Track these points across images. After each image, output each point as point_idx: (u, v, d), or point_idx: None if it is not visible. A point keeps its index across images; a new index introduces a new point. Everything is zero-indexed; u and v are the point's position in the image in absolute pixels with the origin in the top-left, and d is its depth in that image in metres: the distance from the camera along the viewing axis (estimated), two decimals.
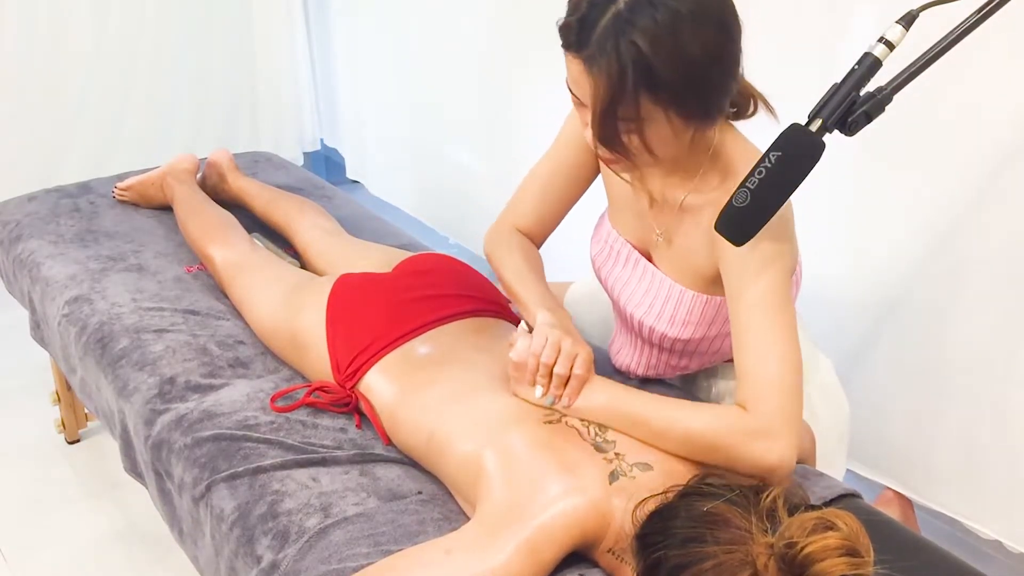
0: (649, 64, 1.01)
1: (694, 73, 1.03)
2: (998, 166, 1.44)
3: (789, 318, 1.12)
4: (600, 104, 1.05)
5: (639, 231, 1.33)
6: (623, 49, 1.01)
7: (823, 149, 0.96)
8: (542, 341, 1.19)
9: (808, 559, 0.80)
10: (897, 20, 0.98)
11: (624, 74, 1.02)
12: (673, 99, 1.05)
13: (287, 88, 3.21)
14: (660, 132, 1.08)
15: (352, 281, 1.48)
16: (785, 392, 1.09)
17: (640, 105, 1.04)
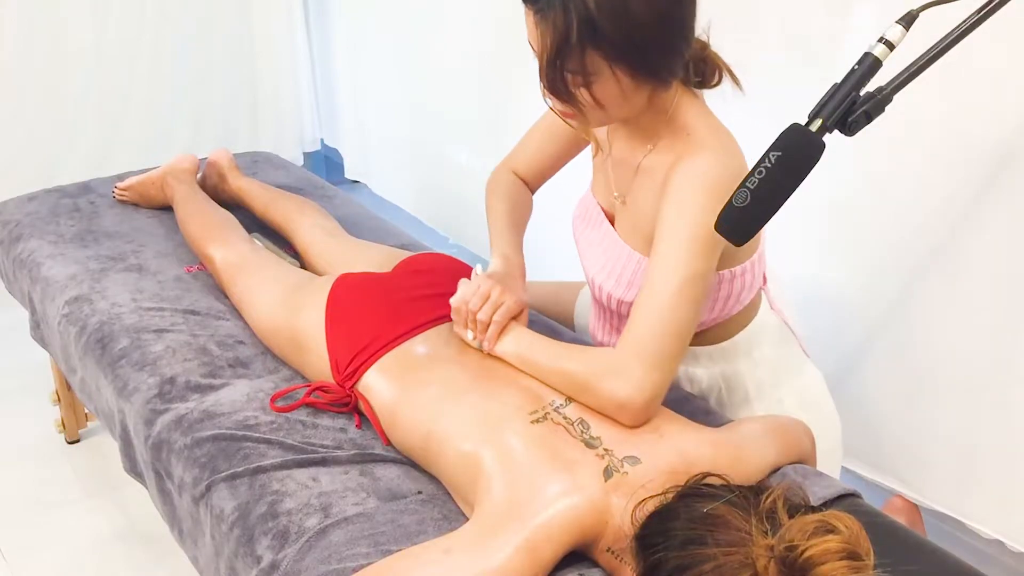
0: (593, 19, 1.07)
1: (638, 31, 1.09)
2: (997, 166, 1.44)
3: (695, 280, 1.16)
4: (547, 54, 1.11)
5: (605, 194, 1.38)
6: (570, 6, 1.07)
7: (823, 149, 0.96)
8: (473, 289, 1.30)
9: (808, 562, 0.80)
10: (897, 20, 0.98)
11: (569, 27, 1.08)
12: (618, 55, 1.10)
13: (287, 88, 3.21)
14: (608, 88, 1.13)
15: (352, 281, 1.48)
16: (650, 339, 1.14)
17: (586, 58, 1.10)
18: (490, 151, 2.47)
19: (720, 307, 1.33)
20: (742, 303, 1.34)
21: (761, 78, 1.70)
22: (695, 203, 1.16)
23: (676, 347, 1.16)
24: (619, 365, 1.15)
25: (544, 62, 1.13)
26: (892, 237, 1.61)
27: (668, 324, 1.15)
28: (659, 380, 1.14)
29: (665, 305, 1.15)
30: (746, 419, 1.33)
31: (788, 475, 1.22)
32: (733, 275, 1.29)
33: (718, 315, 1.34)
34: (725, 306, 1.33)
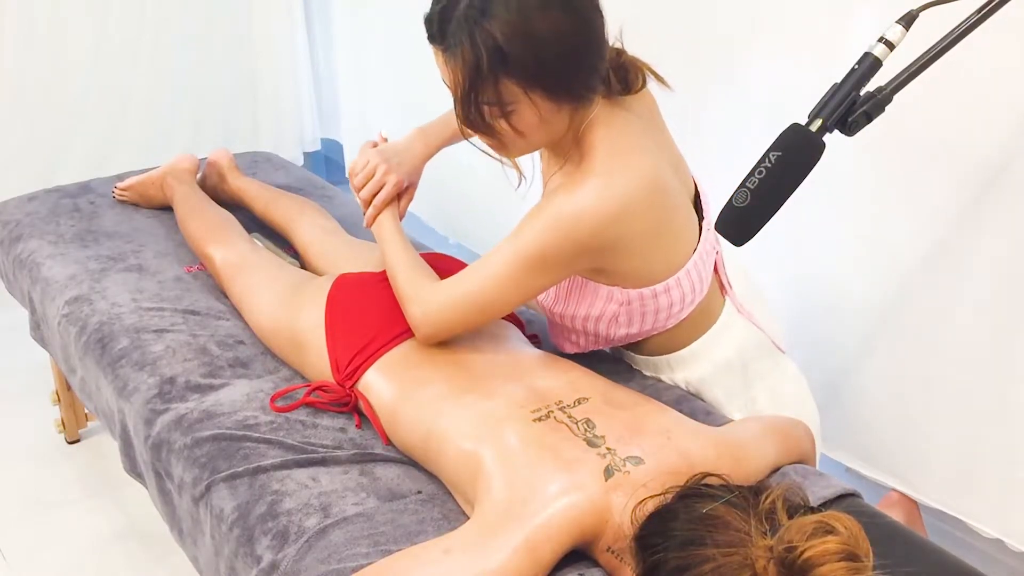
0: (500, 47, 1.08)
1: (547, 53, 1.10)
2: (998, 166, 1.44)
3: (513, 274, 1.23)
4: (460, 89, 1.13)
5: None
6: (477, 37, 1.09)
7: (823, 149, 0.96)
8: (362, 163, 1.45)
9: (808, 563, 0.80)
10: (897, 20, 0.98)
11: (479, 60, 1.09)
12: (531, 80, 1.11)
13: (287, 88, 3.20)
14: (526, 115, 1.15)
15: (351, 280, 1.48)
16: (461, 290, 1.27)
17: (500, 88, 1.11)
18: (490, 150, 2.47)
19: (652, 320, 1.34)
20: (677, 317, 1.35)
21: (761, 78, 1.71)
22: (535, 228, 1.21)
23: (476, 316, 1.28)
24: (428, 298, 1.29)
25: (459, 97, 1.14)
26: (892, 237, 1.61)
27: (479, 298, 1.26)
28: (448, 327, 1.29)
29: (485, 285, 1.25)
30: (747, 419, 1.33)
31: (788, 475, 1.22)
32: (655, 293, 1.29)
33: (652, 327, 1.35)
34: (656, 319, 1.34)
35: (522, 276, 1.24)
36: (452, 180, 2.67)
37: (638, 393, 1.26)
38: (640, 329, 1.36)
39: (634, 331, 1.36)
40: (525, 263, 1.23)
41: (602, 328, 1.36)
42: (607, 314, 1.32)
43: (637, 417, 1.16)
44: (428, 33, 1.17)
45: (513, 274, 1.24)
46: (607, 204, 1.18)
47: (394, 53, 2.78)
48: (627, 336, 1.38)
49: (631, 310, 1.31)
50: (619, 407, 1.18)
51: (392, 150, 1.48)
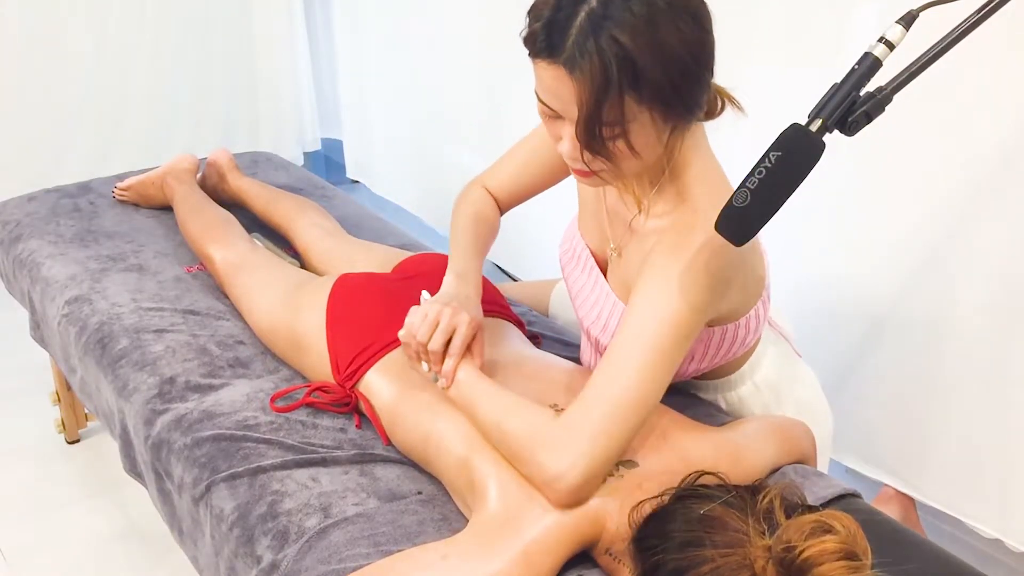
0: (632, 59, 0.97)
1: (675, 66, 0.99)
2: (997, 167, 1.44)
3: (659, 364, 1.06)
4: (586, 108, 0.99)
5: (599, 240, 1.30)
6: (604, 46, 0.96)
7: (823, 149, 0.95)
8: (420, 317, 1.17)
9: (806, 563, 0.80)
10: (897, 20, 0.98)
11: (608, 73, 0.97)
12: (656, 96, 1.00)
13: (287, 88, 3.21)
14: (644, 133, 1.04)
15: (352, 281, 1.48)
16: (602, 419, 1.03)
17: (625, 105, 0.99)
18: (491, 151, 2.47)
19: (724, 353, 1.26)
20: (747, 346, 1.28)
21: (762, 78, 1.71)
22: (676, 284, 1.07)
23: (624, 429, 1.04)
24: (559, 438, 1.04)
25: (583, 117, 1.00)
26: (892, 237, 1.61)
27: (621, 405, 1.04)
28: (598, 462, 1.02)
29: (622, 385, 1.05)
30: (747, 419, 1.33)
31: (788, 475, 1.22)
32: (736, 326, 1.22)
33: (720, 360, 1.29)
34: (730, 351, 1.27)
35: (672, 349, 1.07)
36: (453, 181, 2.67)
37: None
38: (710, 363, 1.28)
39: (704, 365, 1.28)
40: (675, 330, 1.06)
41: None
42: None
43: None
44: (534, 48, 1.02)
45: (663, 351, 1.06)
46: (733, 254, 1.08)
47: (394, 51, 2.79)
48: (696, 371, 1.30)
49: (709, 345, 1.23)
50: None
51: (446, 297, 1.22)
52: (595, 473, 1.03)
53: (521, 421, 1.08)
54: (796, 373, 1.42)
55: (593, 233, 1.31)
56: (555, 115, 1.05)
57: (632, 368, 1.06)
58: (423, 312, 1.18)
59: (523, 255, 2.40)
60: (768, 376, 1.36)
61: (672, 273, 1.08)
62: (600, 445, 1.03)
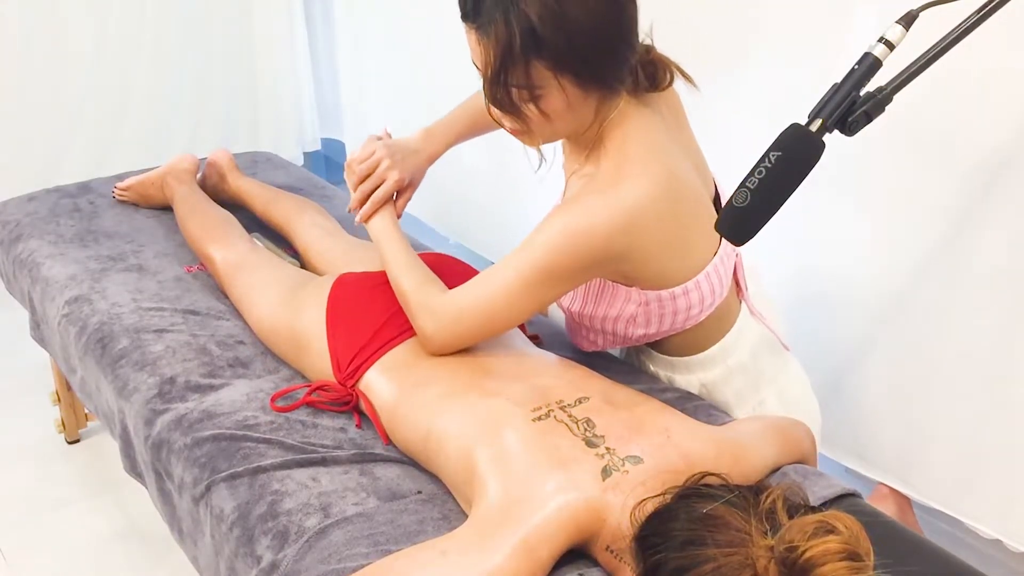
0: (535, 28, 1.07)
1: (579, 38, 1.09)
2: (998, 166, 1.44)
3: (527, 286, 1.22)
4: (491, 69, 1.12)
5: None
6: (511, 17, 1.08)
7: (823, 149, 0.96)
8: (365, 154, 1.40)
9: (809, 563, 0.80)
10: (897, 20, 0.98)
11: (512, 39, 1.08)
12: (562, 64, 1.10)
13: (287, 88, 3.21)
14: (554, 100, 1.14)
15: (352, 280, 1.48)
16: (471, 310, 1.25)
17: (531, 71, 1.11)
18: (491, 151, 2.47)
19: (670, 321, 1.33)
20: (696, 319, 1.34)
21: (761, 78, 1.71)
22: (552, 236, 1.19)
23: (490, 326, 1.26)
24: (437, 309, 1.27)
25: (489, 77, 1.13)
26: (892, 237, 1.61)
27: (494, 306, 1.24)
28: (461, 339, 1.27)
29: (500, 292, 1.23)
30: (747, 419, 1.33)
31: (788, 475, 1.22)
32: (674, 295, 1.28)
33: (670, 328, 1.34)
34: (675, 321, 1.33)
35: (534, 287, 1.22)
36: (453, 181, 2.67)
37: (639, 392, 1.26)
38: (658, 330, 1.35)
39: (651, 331, 1.35)
40: (537, 275, 1.21)
41: (620, 328, 1.35)
42: (625, 314, 1.32)
43: (637, 416, 1.16)
44: (462, 11, 1.16)
45: (525, 286, 1.22)
46: (617, 218, 1.17)
47: (394, 52, 2.79)
48: (644, 336, 1.37)
49: (649, 311, 1.31)
50: (619, 407, 1.18)
51: (397, 146, 1.44)
52: (453, 345, 1.28)
53: (416, 279, 1.32)
54: (779, 364, 1.44)
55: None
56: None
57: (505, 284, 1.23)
58: (368, 151, 1.40)
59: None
60: (743, 360, 1.39)
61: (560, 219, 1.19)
62: (463, 328, 1.26)
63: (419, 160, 1.46)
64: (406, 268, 1.33)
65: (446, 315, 1.26)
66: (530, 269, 1.21)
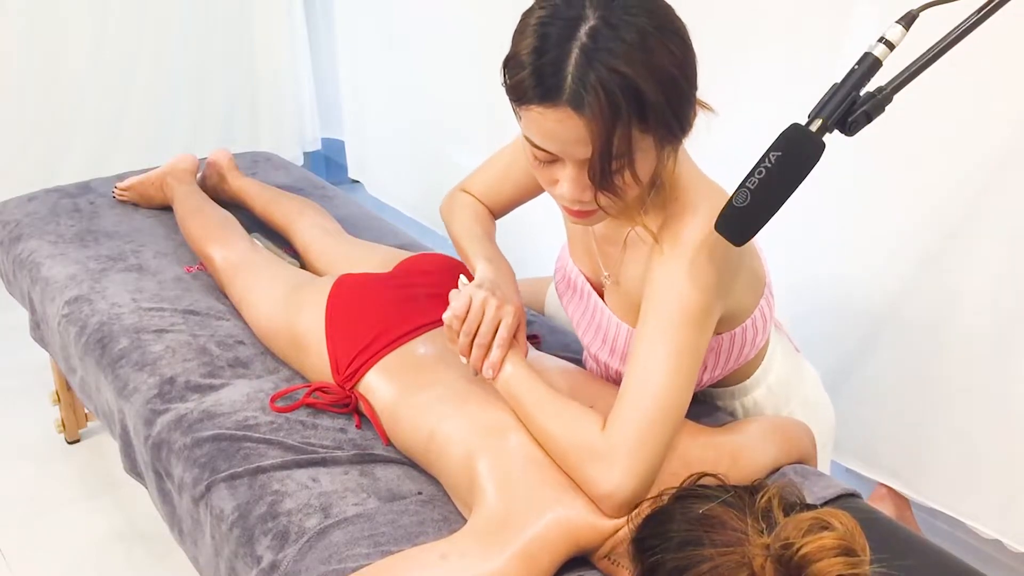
0: (636, 87, 0.94)
1: (672, 88, 0.97)
2: (997, 167, 1.44)
3: (686, 359, 1.06)
4: (599, 144, 0.96)
5: (590, 267, 1.29)
6: (606, 78, 0.93)
7: (823, 149, 0.95)
8: (465, 303, 1.14)
9: (805, 559, 0.80)
10: (897, 20, 0.98)
11: (616, 104, 0.94)
12: (659, 120, 0.97)
13: (287, 88, 3.21)
14: (647, 160, 1.01)
15: (352, 281, 1.48)
16: (639, 426, 1.04)
17: (632, 135, 0.97)
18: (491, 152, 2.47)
19: (736, 357, 1.26)
20: (757, 346, 1.28)
21: (762, 78, 1.71)
22: (683, 274, 1.06)
23: (667, 432, 1.05)
24: (605, 452, 1.04)
25: (597, 155, 0.97)
26: (892, 237, 1.62)
27: (659, 409, 1.04)
28: (646, 472, 1.04)
29: (655, 388, 1.05)
30: (747, 419, 1.33)
31: (787, 475, 1.22)
32: (744, 328, 1.22)
33: (733, 365, 1.28)
34: (741, 355, 1.26)
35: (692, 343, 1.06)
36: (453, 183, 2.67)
37: None
38: (723, 370, 1.27)
39: (716, 373, 1.28)
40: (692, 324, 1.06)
41: None
42: None
43: None
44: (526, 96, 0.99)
45: (686, 348, 1.06)
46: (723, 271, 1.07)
47: (395, 51, 2.78)
48: (709, 380, 1.30)
49: (719, 353, 1.23)
50: None
51: (488, 283, 1.19)
52: (643, 484, 1.04)
53: (567, 430, 1.08)
54: (800, 371, 1.42)
55: (584, 261, 1.30)
56: (551, 159, 1.02)
57: (660, 373, 1.05)
58: (466, 298, 1.14)
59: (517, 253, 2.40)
60: (779, 376, 1.36)
61: (677, 267, 1.07)
62: (644, 457, 1.03)
63: (512, 285, 1.24)
64: (555, 414, 1.10)
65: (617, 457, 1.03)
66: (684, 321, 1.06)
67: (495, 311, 1.14)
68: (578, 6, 0.96)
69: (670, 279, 1.07)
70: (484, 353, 1.15)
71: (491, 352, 1.15)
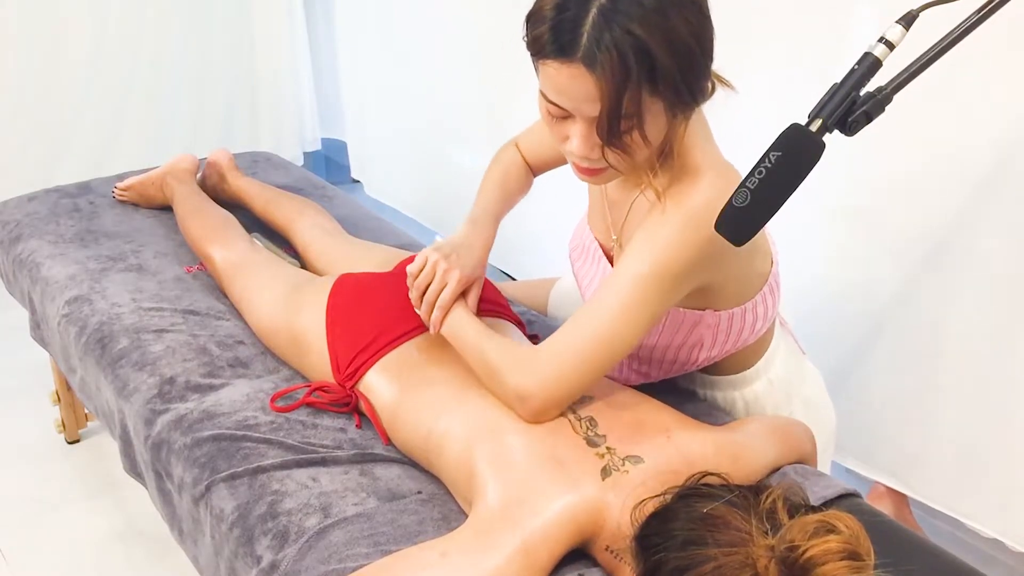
0: (648, 50, 0.97)
1: (685, 56, 1.00)
2: (997, 167, 1.44)
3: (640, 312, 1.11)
4: (608, 102, 1.00)
5: (604, 232, 1.32)
6: (620, 39, 0.97)
7: (823, 149, 0.95)
8: (420, 264, 1.27)
9: (810, 563, 0.80)
10: (897, 20, 0.98)
11: (627, 65, 0.97)
12: (669, 85, 1.01)
13: (287, 88, 3.21)
14: (657, 123, 1.05)
15: (352, 281, 1.48)
16: (573, 348, 1.11)
17: (642, 97, 1.00)
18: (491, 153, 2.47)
19: (735, 340, 1.28)
20: (757, 333, 1.29)
21: (762, 78, 1.71)
22: (669, 234, 1.10)
23: (593, 366, 1.11)
24: (532, 361, 1.13)
25: (606, 113, 1.00)
26: (892, 237, 1.62)
27: (594, 342, 1.11)
28: (564, 387, 1.10)
29: (598, 324, 1.11)
30: (748, 419, 1.33)
31: (788, 475, 1.22)
32: (745, 310, 1.24)
33: (731, 348, 1.30)
34: (739, 339, 1.28)
35: (653, 299, 1.10)
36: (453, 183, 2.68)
37: (639, 392, 1.26)
38: (722, 350, 1.30)
39: (715, 353, 1.30)
40: (657, 281, 1.10)
41: (683, 355, 1.30)
42: (691, 340, 1.27)
43: (638, 416, 1.16)
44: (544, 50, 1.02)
45: (643, 299, 1.10)
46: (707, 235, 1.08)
47: (395, 51, 2.78)
48: (707, 359, 1.32)
49: (718, 332, 1.26)
50: (621, 406, 1.18)
51: (450, 246, 1.30)
52: (559, 397, 1.12)
53: (499, 345, 1.18)
54: (803, 371, 1.43)
55: (599, 227, 1.34)
56: (564, 115, 1.06)
57: (607, 310, 1.11)
58: (422, 259, 1.27)
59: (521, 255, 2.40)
60: (780, 373, 1.37)
61: (668, 225, 1.11)
62: (564, 373, 1.11)
63: (476, 252, 1.31)
64: (489, 341, 1.20)
65: (545, 364, 1.12)
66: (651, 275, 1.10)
67: (442, 274, 1.25)
68: None
69: (656, 233, 1.11)
70: (430, 310, 1.26)
71: (433, 311, 1.26)
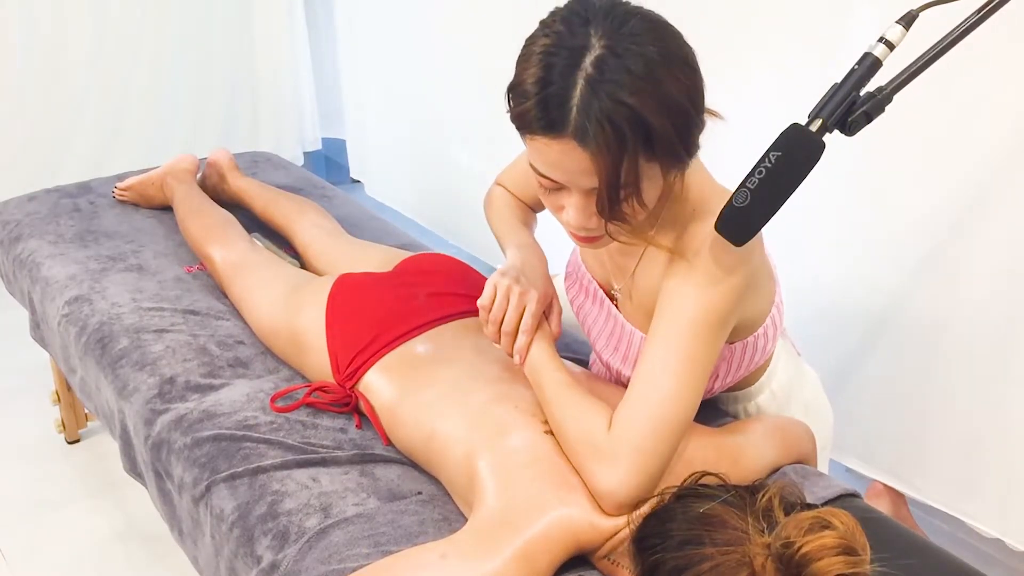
0: (643, 119, 0.92)
1: (680, 117, 0.95)
2: (997, 166, 1.44)
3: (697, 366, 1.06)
4: (606, 176, 0.95)
5: (602, 275, 1.29)
6: (612, 111, 0.92)
7: (823, 149, 0.96)
8: (491, 293, 1.18)
9: (805, 558, 0.81)
10: (897, 20, 0.98)
11: (623, 136, 0.93)
12: (667, 149, 0.96)
13: (287, 88, 3.21)
14: (653, 186, 1.01)
15: (352, 281, 1.48)
16: (648, 429, 1.04)
17: (639, 165, 0.96)
18: (491, 154, 2.47)
19: (747, 366, 1.26)
20: (767, 353, 1.28)
21: (762, 78, 1.71)
22: (705, 281, 1.06)
23: (672, 438, 1.06)
24: (611, 451, 1.05)
25: (604, 187, 0.96)
26: (892, 237, 1.61)
27: (665, 413, 1.05)
28: (648, 474, 1.04)
29: (664, 393, 1.05)
30: (748, 420, 1.33)
31: (787, 475, 1.22)
32: (756, 337, 1.21)
33: (744, 373, 1.27)
34: (752, 363, 1.26)
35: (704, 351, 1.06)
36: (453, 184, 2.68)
37: None
38: (733, 378, 1.27)
39: (728, 380, 1.27)
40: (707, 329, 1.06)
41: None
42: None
43: None
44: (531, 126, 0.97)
45: (696, 355, 1.05)
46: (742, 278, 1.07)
47: (395, 51, 2.78)
48: (720, 388, 1.30)
49: (731, 362, 1.23)
50: None
51: (513, 269, 1.21)
52: (644, 486, 1.04)
53: (576, 423, 1.09)
54: (801, 374, 1.42)
55: (596, 269, 1.30)
56: (557, 187, 1.02)
57: (670, 378, 1.06)
58: (492, 288, 1.18)
59: None
60: (782, 381, 1.36)
61: (696, 275, 1.07)
62: (646, 459, 1.04)
63: (539, 269, 1.24)
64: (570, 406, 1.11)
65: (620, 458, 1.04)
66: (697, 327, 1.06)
67: (518, 298, 1.17)
68: (583, 35, 0.94)
69: (687, 286, 1.07)
70: (512, 340, 1.18)
71: (517, 338, 1.17)
